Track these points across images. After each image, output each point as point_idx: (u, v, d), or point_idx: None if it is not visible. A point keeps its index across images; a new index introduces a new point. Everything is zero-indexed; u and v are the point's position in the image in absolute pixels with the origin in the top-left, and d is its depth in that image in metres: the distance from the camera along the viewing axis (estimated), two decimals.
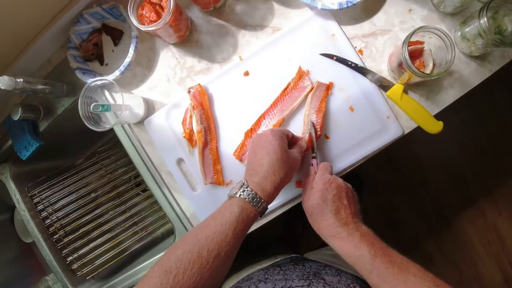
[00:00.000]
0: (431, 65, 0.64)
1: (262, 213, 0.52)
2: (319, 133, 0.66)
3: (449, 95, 0.67)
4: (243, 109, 0.70)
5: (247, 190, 0.51)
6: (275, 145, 0.55)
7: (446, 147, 1.51)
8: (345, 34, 0.68)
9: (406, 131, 0.68)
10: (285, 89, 0.68)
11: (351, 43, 0.68)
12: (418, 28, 0.57)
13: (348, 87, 0.67)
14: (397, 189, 1.53)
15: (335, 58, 0.67)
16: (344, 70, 0.67)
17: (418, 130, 0.67)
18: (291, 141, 0.62)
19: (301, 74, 0.68)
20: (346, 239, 0.51)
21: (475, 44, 0.62)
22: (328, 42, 0.68)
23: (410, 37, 0.57)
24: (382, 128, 0.66)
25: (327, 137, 0.68)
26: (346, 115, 0.67)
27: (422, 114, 0.66)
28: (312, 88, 0.66)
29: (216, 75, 0.71)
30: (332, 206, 0.54)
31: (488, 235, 1.47)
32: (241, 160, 0.69)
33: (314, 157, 0.63)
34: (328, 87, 0.67)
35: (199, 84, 0.70)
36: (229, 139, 0.70)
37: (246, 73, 0.70)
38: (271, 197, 0.53)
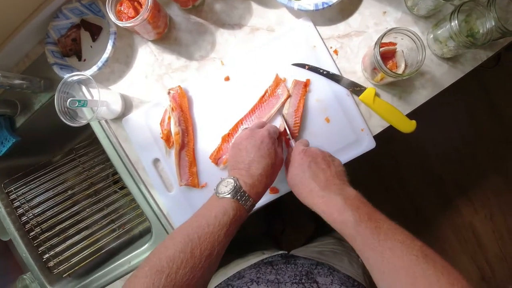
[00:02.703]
0: (403, 65, 0.65)
1: (249, 212, 0.53)
2: (296, 134, 0.67)
3: (421, 95, 0.69)
4: (222, 113, 0.70)
5: (241, 192, 0.50)
6: (271, 150, 0.55)
7: (422, 147, 1.55)
8: (326, 47, 0.69)
9: (380, 130, 0.69)
10: (263, 96, 0.69)
11: (332, 57, 0.69)
12: (390, 30, 0.59)
13: (325, 98, 0.68)
14: (375, 188, 1.56)
15: (307, 67, 0.69)
16: (322, 81, 0.68)
17: (395, 131, 0.69)
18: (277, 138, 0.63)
19: (278, 82, 0.69)
20: (329, 204, 0.49)
21: (447, 46, 0.64)
22: (310, 53, 0.69)
23: (382, 38, 0.59)
24: (356, 140, 0.68)
25: None
26: (322, 125, 0.68)
27: (395, 115, 0.68)
28: (288, 96, 0.67)
29: (197, 78, 0.71)
30: (309, 172, 0.54)
31: (465, 234, 1.51)
32: (217, 163, 0.70)
33: (289, 139, 0.64)
34: (306, 85, 0.68)
35: (179, 86, 0.70)
36: (206, 142, 0.71)
37: (227, 78, 0.70)
38: (260, 198, 0.54)
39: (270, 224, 1.41)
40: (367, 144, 0.68)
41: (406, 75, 0.59)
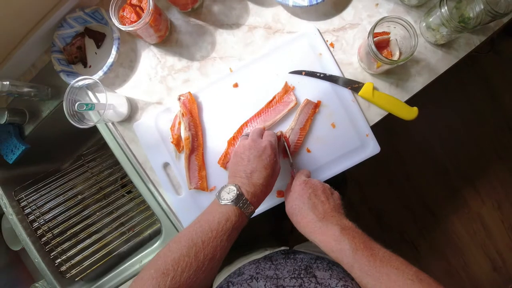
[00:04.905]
0: (397, 53, 0.67)
1: (249, 218, 0.56)
2: (293, 148, 0.69)
3: (418, 82, 0.70)
4: (230, 119, 0.72)
5: (243, 200, 0.53)
6: (272, 161, 0.58)
7: (426, 140, 1.56)
8: (332, 54, 0.71)
9: (379, 119, 0.71)
10: (270, 101, 0.71)
11: (336, 62, 0.71)
12: (381, 19, 0.61)
13: (331, 104, 0.70)
14: (382, 183, 1.56)
15: (304, 73, 0.71)
16: (328, 87, 0.70)
17: (400, 125, 0.70)
18: None
19: (287, 89, 0.71)
20: (327, 234, 0.52)
21: (439, 33, 0.66)
22: (316, 60, 0.71)
23: (374, 28, 0.61)
24: (361, 145, 0.70)
25: (308, 151, 0.70)
26: (328, 131, 0.70)
27: (396, 105, 0.69)
28: (295, 104, 0.70)
29: (206, 84, 0.73)
30: (308, 203, 0.56)
31: (473, 225, 1.50)
32: (225, 167, 0.72)
33: (292, 167, 0.67)
34: (316, 106, 0.70)
35: (189, 92, 0.72)
36: (215, 147, 0.73)
37: (236, 85, 0.72)
38: (260, 204, 0.57)
39: (278, 223, 1.41)
40: (372, 149, 0.69)
41: (401, 61, 0.61)
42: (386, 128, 1.48)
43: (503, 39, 1.46)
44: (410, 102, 0.70)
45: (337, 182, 1.46)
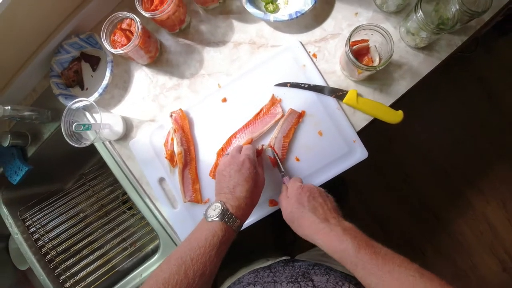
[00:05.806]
0: (377, 59, 0.69)
1: (237, 231, 0.57)
2: (281, 156, 0.71)
3: (402, 86, 0.72)
4: (220, 132, 0.75)
5: (228, 215, 0.54)
6: (253, 173, 0.60)
7: (423, 142, 1.54)
8: (315, 65, 0.73)
9: (365, 124, 0.72)
10: (258, 113, 0.74)
11: (320, 72, 0.73)
12: (356, 28, 0.63)
13: (317, 113, 0.72)
14: (381, 188, 1.55)
15: (289, 84, 0.73)
16: (313, 97, 0.72)
17: (395, 130, 0.71)
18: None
19: (274, 102, 0.73)
20: (329, 234, 0.52)
21: (419, 36, 0.67)
22: (300, 72, 0.73)
23: (351, 36, 0.63)
24: (349, 151, 0.71)
25: (297, 159, 0.72)
26: (315, 139, 0.72)
27: (380, 109, 0.71)
28: (282, 116, 0.72)
29: (196, 100, 0.76)
30: (308, 206, 0.57)
31: (479, 226, 1.47)
32: None
33: (283, 176, 0.68)
34: (300, 116, 0.72)
35: (180, 109, 0.75)
36: (207, 160, 0.75)
37: (224, 100, 0.75)
38: (247, 217, 0.59)
39: (281, 234, 1.41)
40: (360, 154, 0.71)
41: (379, 66, 0.62)
42: (382, 133, 1.48)
43: (494, 38, 1.47)
44: (401, 106, 0.71)
45: (337, 190, 1.46)
